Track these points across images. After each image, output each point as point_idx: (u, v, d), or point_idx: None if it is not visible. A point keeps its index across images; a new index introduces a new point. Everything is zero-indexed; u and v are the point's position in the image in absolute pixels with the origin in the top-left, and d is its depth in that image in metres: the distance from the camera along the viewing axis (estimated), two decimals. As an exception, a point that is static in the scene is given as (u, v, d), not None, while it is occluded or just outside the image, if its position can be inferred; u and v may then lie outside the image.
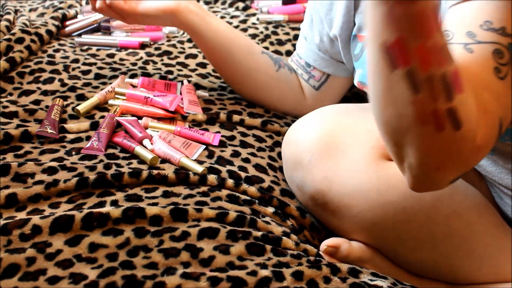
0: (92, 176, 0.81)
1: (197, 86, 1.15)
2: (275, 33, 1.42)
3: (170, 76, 1.17)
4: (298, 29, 1.45)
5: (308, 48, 1.07)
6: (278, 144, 0.99)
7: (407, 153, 0.57)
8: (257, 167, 0.91)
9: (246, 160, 0.92)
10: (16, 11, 1.42)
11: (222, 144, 0.95)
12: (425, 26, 0.50)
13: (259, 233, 0.74)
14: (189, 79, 1.17)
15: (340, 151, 0.80)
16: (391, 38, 0.51)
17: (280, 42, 1.38)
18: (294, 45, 1.36)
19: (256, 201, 0.82)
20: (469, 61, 0.57)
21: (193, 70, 1.22)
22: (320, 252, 0.80)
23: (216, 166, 0.88)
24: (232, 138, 0.97)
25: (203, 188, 0.82)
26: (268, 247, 0.72)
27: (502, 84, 0.58)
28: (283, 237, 0.75)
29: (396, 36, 0.50)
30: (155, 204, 0.76)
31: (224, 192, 0.82)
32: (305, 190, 0.83)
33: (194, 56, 1.27)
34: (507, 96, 0.58)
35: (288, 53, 1.34)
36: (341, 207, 0.80)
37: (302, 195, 0.85)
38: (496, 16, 0.58)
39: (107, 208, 0.74)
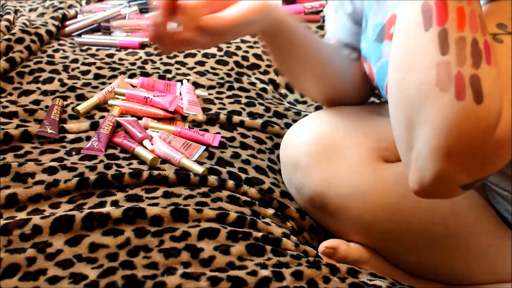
0: (92, 176, 0.81)
1: (196, 85, 1.15)
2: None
3: (169, 75, 1.17)
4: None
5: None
6: (278, 146, 0.99)
7: (418, 135, 0.54)
8: (257, 169, 0.92)
9: (246, 162, 0.92)
10: (16, 11, 1.42)
11: (222, 145, 0.95)
12: None
13: (259, 234, 0.74)
14: (188, 77, 1.17)
15: (338, 153, 0.80)
16: None
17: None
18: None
19: (256, 202, 0.82)
20: (498, 50, 0.56)
21: (191, 68, 1.23)
22: (319, 253, 0.80)
23: (216, 167, 0.88)
24: (232, 139, 0.97)
25: (204, 189, 0.82)
26: (268, 247, 0.73)
27: None
28: (283, 238, 0.76)
29: None
30: (156, 204, 0.77)
31: (224, 193, 0.82)
32: (304, 192, 0.83)
33: (193, 55, 1.28)
34: None
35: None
36: (340, 209, 0.80)
37: (300, 197, 0.85)
38: None
39: (108, 208, 0.74)
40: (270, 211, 0.82)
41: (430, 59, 0.52)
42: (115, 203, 0.77)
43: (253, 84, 1.21)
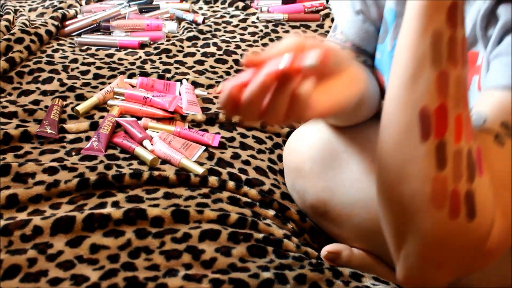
0: (93, 177, 0.81)
1: (195, 84, 1.15)
2: (275, 31, 1.42)
3: (168, 75, 1.17)
4: (298, 27, 1.45)
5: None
6: (278, 146, 1.00)
7: (408, 241, 0.52)
8: (257, 169, 0.92)
9: (246, 163, 0.92)
10: (15, 11, 1.42)
11: (222, 146, 0.95)
12: (465, 95, 0.49)
13: (260, 235, 0.74)
14: (187, 77, 1.17)
15: (341, 161, 0.79)
16: (433, 104, 0.48)
17: (280, 39, 1.38)
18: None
19: (257, 203, 0.82)
20: (497, 153, 0.51)
21: (191, 68, 1.23)
22: (321, 257, 0.80)
23: (216, 168, 0.88)
24: (232, 139, 0.97)
25: (204, 190, 0.82)
26: (270, 249, 0.72)
27: None
28: (284, 240, 0.75)
29: (440, 102, 0.48)
30: (156, 205, 0.76)
31: (225, 194, 0.82)
32: (306, 198, 0.83)
33: (192, 55, 1.27)
34: None
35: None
36: (342, 216, 0.79)
37: (302, 202, 0.85)
38: None
39: (108, 209, 0.74)
40: (271, 212, 0.82)
41: (426, 172, 0.49)
42: (115, 204, 0.77)
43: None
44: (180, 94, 1.09)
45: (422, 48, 0.49)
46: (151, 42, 1.33)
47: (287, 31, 1.42)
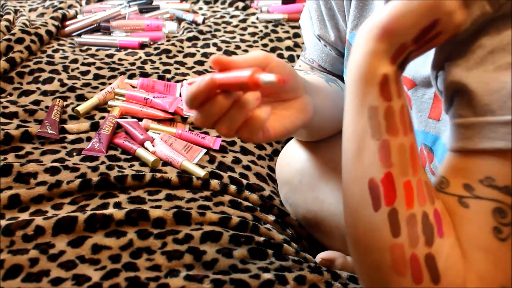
0: (95, 177, 0.81)
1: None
2: (274, 31, 1.43)
3: (168, 75, 1.17)
4: (298, 27, 1.46)
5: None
6: (277, 152, 1.00)
7: None
8: (258, 175, 0.92)
9: (247, 168, 0.93)
10: (16, 11, 1.42)
11: (222, 150, 0.95)
12: (414, 161, 0.49)
13: (261, 239, 0.75)
14: (187, 77, 1.17)
15: (328, 171, 0.79)
16: (379, 175, 0.49)
17: (280, 39, 1.38)
18: (294, 42, 1.38)
19: (258, 208, 0.83)
20: (463, 216, 0.51)
21: (191, 68, 1.23)
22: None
23: (217, 171, 0.89)
24: (233, 143, 0.98)
25: (206, 193, 0.82)
26: (270, 251, 0.73)
27: (503, 246, 0.49)
28: (284, 244, 0.76)
29: (385, 172, 0.49)
30: (158, 207, 0.77)
31: (226, 198, 0.82)
32: (298, 211, 0.84)
33: (192, 55, 1.28)
34: (509, 260, 0.50)
35: (288, 49, 1.35)
36: (333, 227, 0.80)
37: (295, 214, 0.86)
38: (500, 173, 0.49)
39: (110, 210, 0.74)
40: (271, 217, 0.82)
41: (384, 241, 0.49)
42: (117, 205, 0.77)
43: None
44: (180, 96, 1.09)
45: (361, 123, 0.51)
46: (151, 43, 1.34)
47: (286, 31, 1.43)
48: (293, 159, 0.83)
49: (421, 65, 0.65)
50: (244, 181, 0.88)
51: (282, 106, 0.64)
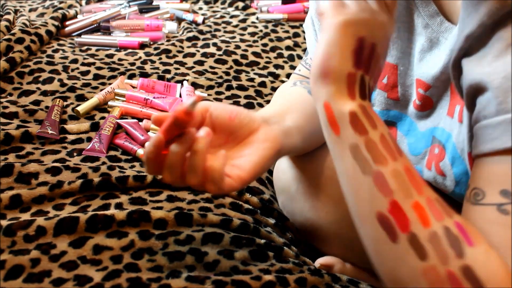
0: (96, 178, 0.81)
1: (194, 85, 1.16)
2: (274, 31, 1.43)
3: (168, 76, 1.17)
4: (298, 27, 1.46)
5: None
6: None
7: None
8: (258, 179, 0.92)
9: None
10: (16, 11, 1.42)
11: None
12: (415, 181, 0.49)
13: (262, 241, 0.75)
14: (186, 77, 1.17)
15: (325, 178, 0.79)
16: (384, 206, 0.48)
17: (280, 39, 1.38)
18: (294, 42, 1.38)
19: (258, 211, 0.83)
20: (504, 224, 0.48)
21: (190, 68, 1.23)
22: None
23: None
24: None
25: (207, 195, 0.82)
26: (271, 254, 0.73)
27: None
28: (284, 247, 0.76)
29: (388, 200, 0.48)
30: (160, 208, 0.77)
31: (227, 200, 0.82)
32: (295, 219, 0.83)
33: (192, 55, 1.28)
34: None
35: (288, 48, 1.35)
36: (330, 235, 0.79)
37: (293, 221, 0.85)
38: None
39: (112, 211, 0.74)
40: (271, 220, 0.82)
41: (414, 268, 0.48)
42: (119, 206, 0.77)
43: (251, 80, 1.21)
44: (180, 96, 1.09)
45: (348, 164, 0.51)
46: (151, 43, 1.34)
47: (286, 31, 1.43)
48: (289, 167, 0.83)
49: (428, 67, 0.66)
50: (245, 184, 0.88)
51: (244, 146, 0.64)
